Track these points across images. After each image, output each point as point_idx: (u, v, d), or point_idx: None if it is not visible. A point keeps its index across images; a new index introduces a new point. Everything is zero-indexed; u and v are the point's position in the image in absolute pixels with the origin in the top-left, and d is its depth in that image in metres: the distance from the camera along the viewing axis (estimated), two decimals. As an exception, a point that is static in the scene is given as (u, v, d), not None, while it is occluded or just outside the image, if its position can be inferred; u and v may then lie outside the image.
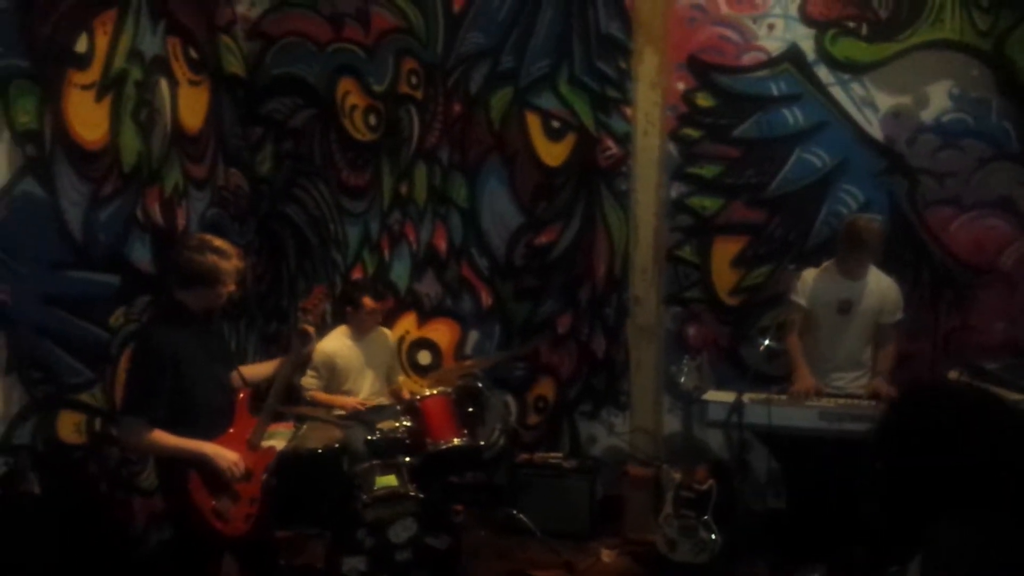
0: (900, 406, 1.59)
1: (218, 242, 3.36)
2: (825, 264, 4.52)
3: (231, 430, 3.41)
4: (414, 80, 5.59)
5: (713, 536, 4.49)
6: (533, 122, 5.45)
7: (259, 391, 3.73)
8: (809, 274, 4.52)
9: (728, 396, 4.34)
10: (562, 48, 5.33)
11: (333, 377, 4.94)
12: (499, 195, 5.57)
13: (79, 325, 4.08)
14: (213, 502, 3.28)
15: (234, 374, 3.58)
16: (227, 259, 3.31)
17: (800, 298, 4.48)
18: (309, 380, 4.93)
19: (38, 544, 3.60)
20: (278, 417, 4.03)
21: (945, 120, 4.78)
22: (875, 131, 4.87)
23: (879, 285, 4.45)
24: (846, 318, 4.43)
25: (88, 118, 4.16)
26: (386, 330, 5.29)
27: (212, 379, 3.39)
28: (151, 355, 3.23)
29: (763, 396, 4.38)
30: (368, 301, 4.94)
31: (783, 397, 4.40)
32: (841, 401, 4.28)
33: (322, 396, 4.89)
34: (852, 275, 4.42)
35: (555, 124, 5.41)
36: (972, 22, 4.69)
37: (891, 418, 1.56)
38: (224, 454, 3.29)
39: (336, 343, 4.99)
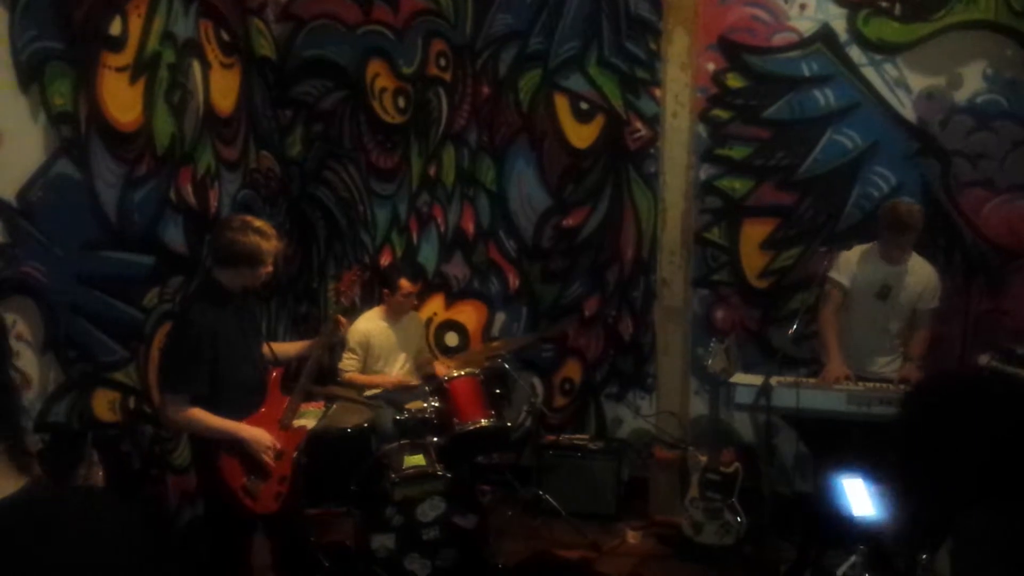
0: (921, 395, 1.58)
1: (259, 223, 3.42)
2: (866, 246, 4.46)
3: (263, 409, 3.47)
4: (443, 62, 5.59)
5: (739, 519, 4.50)
6: (562, 104, 5.44)
7: (290, 370, 3.78)
8: (853, 254, 4.45)
9: (756, 379, 4.32)
10: (591, 29, 5.30)
11: (369, 358, 5.02)
12: (527, 177, 5.57)
13: (114, 305, 4.15)
14: (244, 480, 3.35)
15: (265, 348, 3.64)
16: (268, 240, 3.37)
17: (842, 277, 4.42)
18: (347, 362, 4.99)
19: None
20: (308, 396, 4.09)
21: (979, 101, 4.70)
22: (908, 112, 4.81)
23: (920, 272, 4.40)
24: (884, 303, 4.38)
25: (122, 100, 4.20)
26: (417, 313, 5.34)
27: (247, 357, 3.46)
28: (191, 332, 3.29)
29: (791, 379, 4.36)
30: (405, 283, 4.99)
31: (811, 380, 4.38)
32: (870, 385, 4.26)
33: (361, 377, 4.96)
34: (894, 260, 4.37)
35: (584, 106, 5.40)
36: (1007, 2, 4.59)
37: (913, 407, 1.54)
38: (259, 437, 3.35)
39: (371, 324, 5.05)
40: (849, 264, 4.43)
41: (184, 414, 3.27)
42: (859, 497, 3.76)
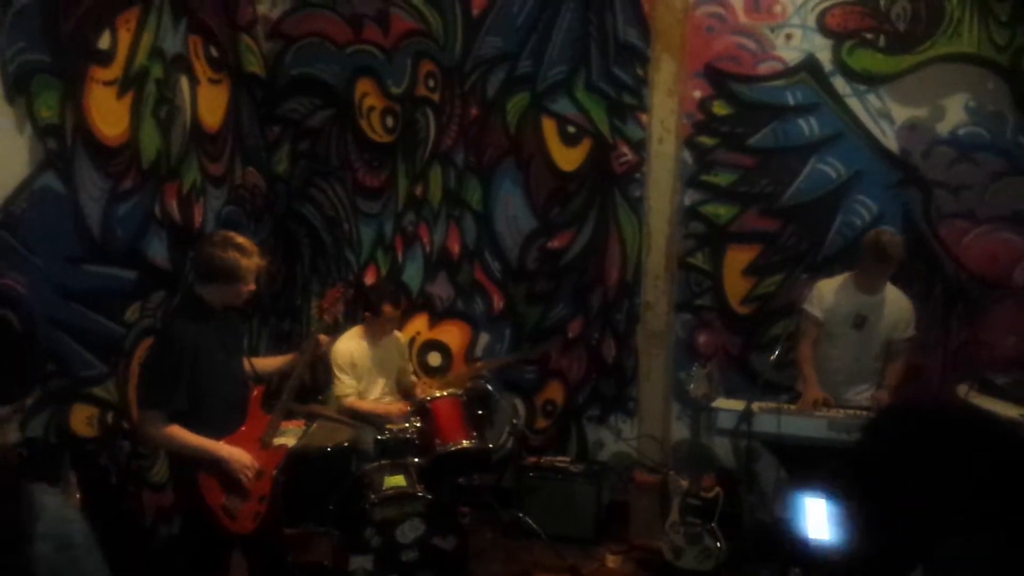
0: (880, 425, 1.56)
1: (240, 239, 3.40)
2: (842, 276, 4.51)
3: (244, 427, 3.45)
4: (431, 83, 5.62)
5: (719, 544, 4.50)
6: (549, 127, 5.47)
7: (271, 388, 3.76)
8: (825, 285, 4.51)
9: (737, 404, 4.35)
10: (579, 54, 5.35)
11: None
12: (513, 198, 5.59)
13: (94, 319, 4.12)
14: (223, 499, 3.32)
15: (245, 363, 3.62)
16: (248, 256, 3.35)
17: (815, 310, 4.48)
18: (344, 387, 4.88)
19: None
20: (289, 415, 4.06)
21: (961, 133, 4.77)
22: (890, 143, 4.87)
23: (895, 302, 4.46)
24: (860, 332, 4.43)
25: (109, 114, 4.20)
26: (398, 333, 5.32)
27: (229, 375, 3.44)
28: (171, 348, 3.27)
29: (773, 405, 4.38)
30: (388, 308, 4.96)
31: (793, 407, 4.41)
32: (851, 412, 4.29)
33: (363, 405, 4.85)
34: (870, 289, 4.41)
35: (571, 129, 5.43)
36: (990, 36, 4.68)
37: (872, 438, 1.53)
38: (239, 457, 3.32)
39: (352, 344, 5.00)
40: (822, 296, 4.47)
41: (163, 431, 3.24)
42: (818, 520, 3.78)
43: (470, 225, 5.69)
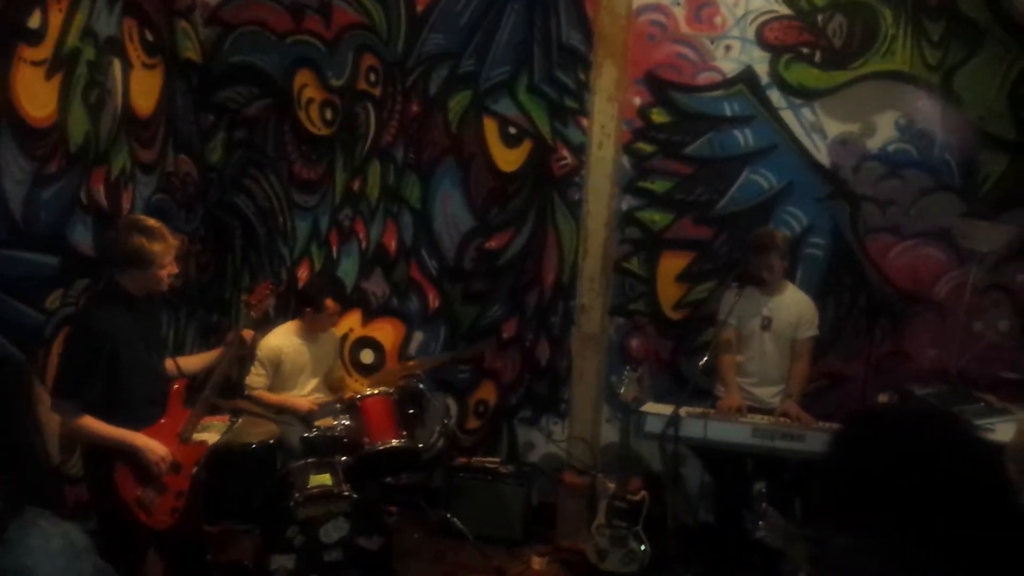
0: (854, 434, 1.45)
1: (149, 222, 3.30)
2: (746, 286, 4.60)
3: (162, 420, 3.38)
4: (373, 77, 5.57)
5: (643, 547, 4.55)
6: (490, 127, 5.46)
7: (194, 383, 3.68)
8: (731, 293, 4.61)
9: (666, 409, 4.40)
10: (523, 56, 5.35)
11: (277, 376, 4.88)
12: (452, 197, 5.57)
13: (13, 306, 3.99)
14: (138, 492, 3.25)
15: (169, 363, 3.54)
16: (155, 241, 3.25)
17: (727, 316, 4.56)
18: (255, 378, 4.84)
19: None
20: (213, 410, 3.99)
21: (890, 149, 4.89)
22: (822, 156, 4.97)
23: (796, 300, 4.59)
24: (768, 333, 4.55)
25: (36, 95, 4.07)
26: (333, 330, 5.25)
27: (147, 366, 3.36)
28: (87, 337, 3.19)
29: (700, 410, 4.45)
30: (331, 304, 4.90)
31: (717, 412, 4.49)
32: (773, 420, 4.37)
33: (271, 397, 4.80)
34: (767, 288, 4.53)
35: (512, 130, 5.43)
36: (922, 55, 4.80)
37: (848, 447, 1.43)
38: (153, 447, 3.25)
39: (284, 340, 4.92)
40: (729, 303, 4.55)
41: (75, 422, 3.16)
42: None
43: (408, 222, 5.65)
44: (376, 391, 4.69)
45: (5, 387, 1.67)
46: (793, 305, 4.57)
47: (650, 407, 4.61)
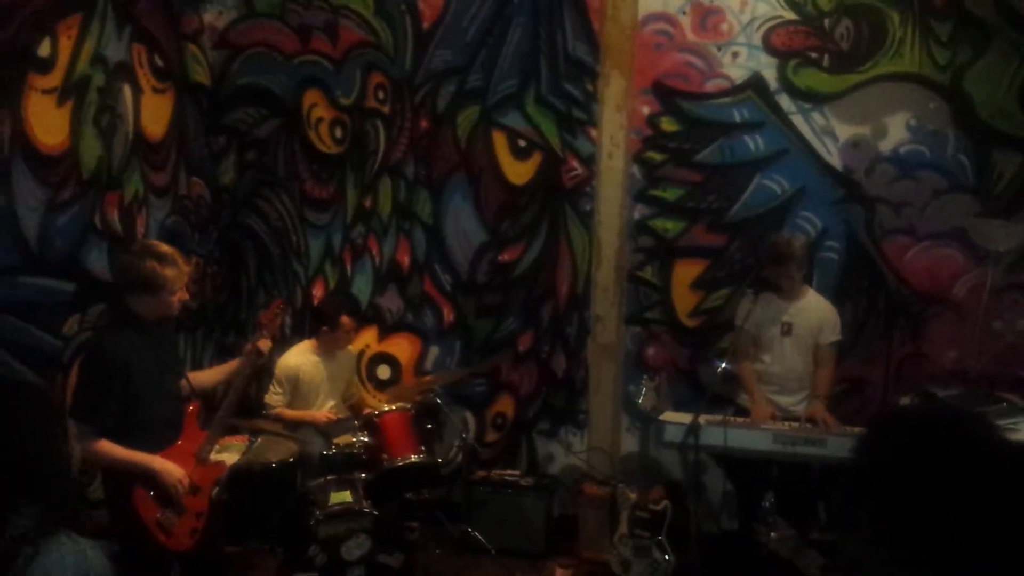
0: (886, 441, 1.41)
1: (162, 248, 3.31)
2: (761, 292, 4.57)
3: (179, 442, 3.38)
4: (381, 95, 5.59)
5: (667, 557, 4.51)
6: (499, 140, 5.47)
7: (210, 403, 3.69)
8: (748, 299, 4.56)
9: (685, 417, 4.36)
10: (530, 68, 5.36)
11: (295, 394, 4.88)
12: (464, 212, 5.57)
13: (31, 332, 4.01)
14: (158, 515, 3.25)
15: (183, 382, 3.54)
16: (167, 266, 3.25)
17: (745, 323, 4.53)
18: (274, 397, 4.84)
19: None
20: (232, 430, 3.99)
21: (902, 151, 4.87)
22: (834, 160, 4.95)
23: (817, 306, 4.55)
24: (789, 339, 4.50)
25: (48, 123, 4.10)
26: (350, 348, 5.26)
27: (163, 389, 3.36)
28: (102, 362, 3.19)
29: (719, 418, 4.41)
30: (347, 320, 4.90)
31: (739, 419, 4.44)
32: (795, 424, 4.34)
33: (290, 413, 4.81)
34: (788, 295, 4.49)
35: (521, 143, 5.44)
36: (931, 56, 4.78)
37: (878, 449, 1.40)
38: (171, 470, 3.25)
39: (301, 359, 4.93)
40: (746, 309, 4.52)
41: (93, 446, 3.16)
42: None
43: (420, 238, 5.66)
44: (394, 407, 4.69)
45: (37, 412, 1.68)
46: (814, 310, 4.53)
47: (669, 415, 4.58)
